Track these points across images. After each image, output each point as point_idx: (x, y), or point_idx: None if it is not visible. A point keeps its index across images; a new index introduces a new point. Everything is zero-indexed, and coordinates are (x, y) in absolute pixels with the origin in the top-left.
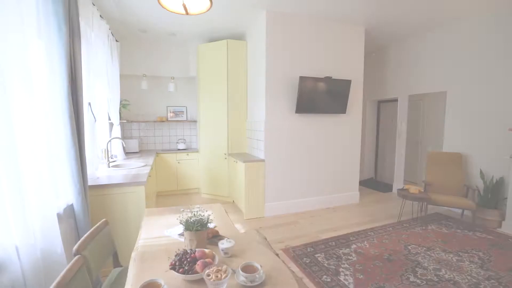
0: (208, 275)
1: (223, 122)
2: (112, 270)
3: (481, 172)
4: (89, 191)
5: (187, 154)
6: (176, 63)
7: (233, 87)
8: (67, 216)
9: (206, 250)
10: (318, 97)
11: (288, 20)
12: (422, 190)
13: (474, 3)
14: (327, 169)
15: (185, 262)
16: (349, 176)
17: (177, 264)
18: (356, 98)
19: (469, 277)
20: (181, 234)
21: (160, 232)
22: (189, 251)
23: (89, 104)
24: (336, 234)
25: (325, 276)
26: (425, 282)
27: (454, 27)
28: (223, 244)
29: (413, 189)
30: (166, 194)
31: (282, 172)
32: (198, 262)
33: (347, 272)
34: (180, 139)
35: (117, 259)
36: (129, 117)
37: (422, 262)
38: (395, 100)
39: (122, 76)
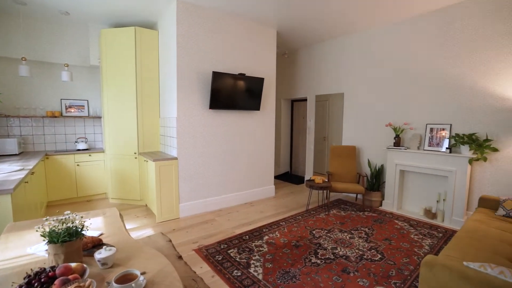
0: None
1: (132, 118)
2: None
3: (368, 161)
4: None
5: (90, 155)
6: (72, 48)
7: (143, 80)
8: None
9: (73, 264)
10: (232, 93)
11: (201, 13)
12: (326, 180)
13: (362, 19)
14: (244, 165)
15: (36, 284)
16: (265, 171)
17: None
18: (269, 96)
19: (357, 250)
20: None
21: (21, 251)
22: (47, 269)
23: None
24: (251, 227)
25: (236, 271)
26: (324, 261)
27: (348, 38)
28: (100, 254)
29: (318, 180)
30: (62, 203)
31: (197, 170)
32: (56, 281)
33: (257, 263)
34: (80, 137)
35: None
36: (3, 111)
37: (323, 244)
38: (306, 100)
39: None
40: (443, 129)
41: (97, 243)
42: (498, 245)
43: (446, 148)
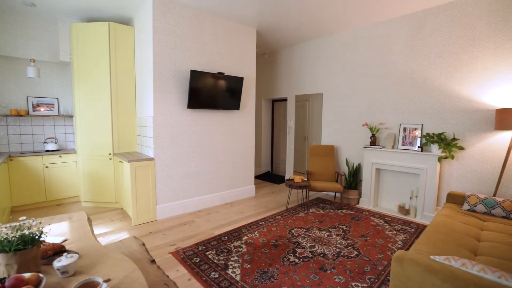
0: None
1: (106, 118)
2: None
3: (346, 160)
4: None
5: (60, 156)
6: (39, 43)
7: (118, 78)
8: None
9: (27, 275)
10: (211, 93)
11: (179, 9)
12: (305, 179)
13: (338, 22)
14: (224, 165)
15: None
16: (245, 170)
17: None
18: (249, 95)
19: (334, 248)
20: None
21: None
22: None
23: None
24: (230, 228)
25: (213, 273)
26: (302, 259)
27: (326, 39)
28: (59, 262)
29: (297, 179)
30: (29, 207)
31: (175, 171)
32: None
33: (236, 264)
34: (50, 138)
35: None
36: None
37: (301, 243)
38: (286, 100)
39: None
40: (416, 129)
41: (59, 250)
42: (462, 238)
43: (418, 147)
